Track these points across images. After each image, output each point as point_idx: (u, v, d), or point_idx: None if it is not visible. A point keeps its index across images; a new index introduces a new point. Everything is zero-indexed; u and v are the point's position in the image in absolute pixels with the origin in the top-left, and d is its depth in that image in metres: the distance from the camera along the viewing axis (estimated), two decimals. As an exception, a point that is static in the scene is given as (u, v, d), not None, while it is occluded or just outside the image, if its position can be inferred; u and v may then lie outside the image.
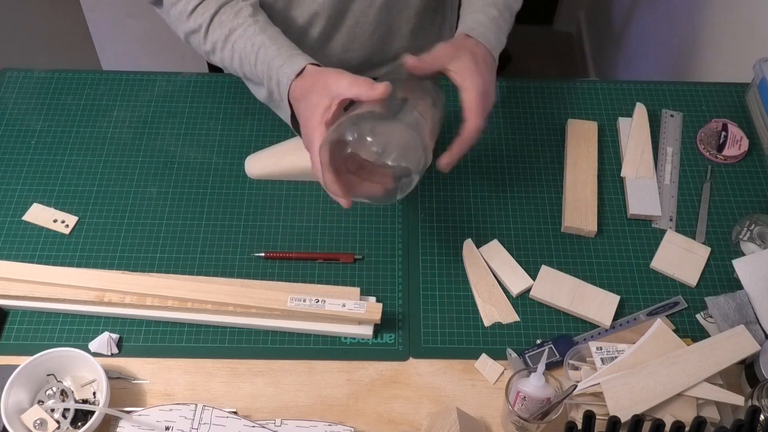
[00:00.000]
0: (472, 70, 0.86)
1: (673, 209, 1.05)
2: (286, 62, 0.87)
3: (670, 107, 1.16)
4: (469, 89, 0.85)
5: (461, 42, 0.91)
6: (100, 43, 1.94)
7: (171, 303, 0.92)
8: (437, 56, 0.88)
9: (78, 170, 1.07)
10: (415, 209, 1.04)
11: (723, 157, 1.10)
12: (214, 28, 0.94)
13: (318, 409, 0.88)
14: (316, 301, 0.92)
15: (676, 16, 1.72)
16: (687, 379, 0.84)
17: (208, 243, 1.00)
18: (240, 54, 0.92)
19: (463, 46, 0.90)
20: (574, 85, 1.19)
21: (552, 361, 0.90)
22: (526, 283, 0.97)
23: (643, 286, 0.98)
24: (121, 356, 0.91)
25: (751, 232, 1.01)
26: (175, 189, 1.06)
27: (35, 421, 0.82)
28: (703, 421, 0.77)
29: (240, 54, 0.92)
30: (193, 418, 0.84)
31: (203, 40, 0.95)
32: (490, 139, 1.12)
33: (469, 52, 0.88)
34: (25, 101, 1.14)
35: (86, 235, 1.01)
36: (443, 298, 0.97)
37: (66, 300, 0.93)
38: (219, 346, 0.92)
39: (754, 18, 1.34)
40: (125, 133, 1.11)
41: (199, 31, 0.95)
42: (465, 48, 0.89)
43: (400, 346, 0.93)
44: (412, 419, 0.87)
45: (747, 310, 0.94)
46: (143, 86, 1.16)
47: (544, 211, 1.05)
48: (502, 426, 0.87)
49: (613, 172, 1.09)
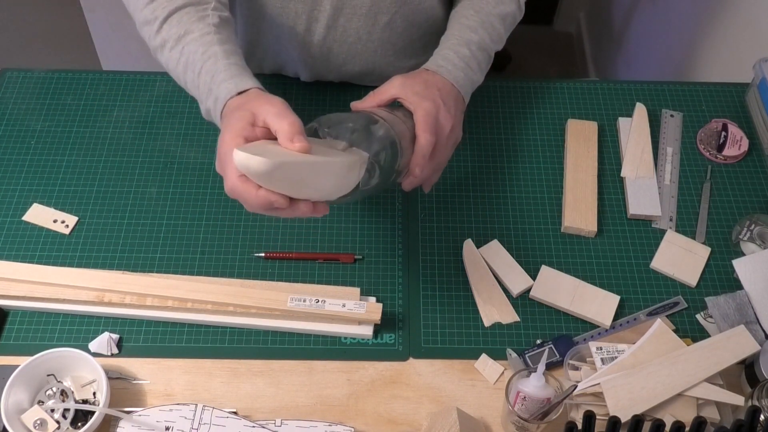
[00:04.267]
0: (421, 94, 0.85)
1: (673, 209, 1.05)
2: (232, 78, 0.80)
3: (670, 107, 1.16)
4: (417, 111, 0.84)
5: (416, 73, 0.91)
6: (100, 43, 1.94)
7: (171, 303, 0.92)
8: (384, 89, 0.88)
9: (78, 170, 1.07)
10: (415, 209, 1.04)
11: (723, 157, 1.10)
12: (170, 24, 0.86)
13: (318, 409, 0.88)
14: (316, 301, 0.92)
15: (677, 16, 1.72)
16: (687, 379, 0.84)
17: (208, 243, 1.00)
18: (187, 59, 0.84)
19: (416, 75, 0.90)
20: (574, 85, 1.19)
21: (552, 361, 0.90)
22: (526, 283, 0.97)
23: (643, 286, 0.98)
24: (121, 356, 0.91)
25: (751, 232, 1.01)
26: (175, 189, 1.06)
27: (35, 421, 0.82)
28: (703, 421, 0.77)
29: (187, 59, 0.84)
30: (193, 419, 0.84)
31: (154, 34, 0.87)
32: (490, 139, 1.12)
33: (421, 79, 0.88)
34: (25, 101, 1.14)
35: (86, 235, 1.01)
36: (443, 298, 0.97)
37: (66, 300, 0.93)
38: (219, 346, 0.92)
39: (754, 18, 1.34)
40: (125, 133, 1.11)
41: (153, 23, 0.86)
42: (418, 77, 0.89)
43: (400, 346, 0.93)
44: (412, 419, 0.87)
45: (747, 310, 0.94)
46: (143, 86, 1.16)
47: (544, 211, 1.05)
48: (502, 426, 0.87)
49: (613, 172, 1.09)
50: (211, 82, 0.81)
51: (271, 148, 0.70)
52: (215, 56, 0.82)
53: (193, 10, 0.86)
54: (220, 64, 0.81)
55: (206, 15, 0.86)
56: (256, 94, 0.78)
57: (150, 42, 0.89)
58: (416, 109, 0.85)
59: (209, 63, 0.82)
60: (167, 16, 0.86)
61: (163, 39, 0.86)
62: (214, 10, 0.87)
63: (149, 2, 0.87)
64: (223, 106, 0.79)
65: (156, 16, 0.86)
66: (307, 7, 1.01)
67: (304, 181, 0.69)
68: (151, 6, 0.87)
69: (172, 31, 0.85)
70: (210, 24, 0.85)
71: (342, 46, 1.06)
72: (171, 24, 0.85)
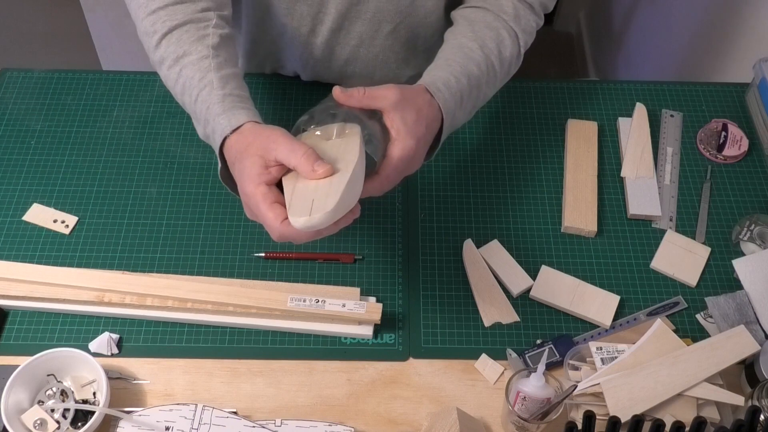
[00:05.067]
0: (409, 128, 0.77)
1: (673, 209, 1.05)
2: (225, 113, 0.78)
3: (670, 107, 1.16)
4: (396, 144, 0.77)
5: (414, 93, 0.81)
6: (100, 43, 1.94)
7: (171, 303, 0.92)
8: (376, 95, 0.78)
9: (78, 170, 1.07)
10: (415, 209, 1.04)
11: (723, 157, 1.10)
12: (169, 41, 0.83)
13: (318, 409, 0.88)
14: (316, 301, 0.92)
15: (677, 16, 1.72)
16: (687, 379, 0.84)
17: (208, 243, 1.00)
18: (184, 83, 0.82)
19: (413, 97, 0.80)
20: (574, 85, 1.19)
21: (552, 361, 0.89)
22: (526, 283, 0.97)
23: (643, 286, 0.98)
24: (121, 356, 0.91)
25: (751, 232, 1.01)
26: (175, 189, 1.05)
27: (35, 421, 0.82)
28: (703, 421, 0.77)
29: (184, 83, 0.82)
30: (193, 419, 0.84)
31: (153, 48, 0.85)
32: (490, 139, 1.12)
33: (416, 108, 0.79)
34: (25, 101, 1.14)
35: (86, 235, 1.01)
36: (443, 298, 0.97)
37: (66, 300, 0.93)
38: (219, 346, 0.92)
39: (754, 18, 1.34)
40: (125, 133, 1.11)
41: (153, 36, 0.84)
42: (414, 101, 0.80)
43: (400, 346, 0.93)
44: (412, 419, 0.87)
45: (747, 310, 0.94)
46: (143, 86, 1.16)
47: (544, 211, 1.05)
48: (502, 426, 0.87)
49: (613, 172, 1.09)
50: (207, 113, 0.80)
51: (302, 188, 0.72)
52: (211, 85, 0.80)
53: (193, 28, 0.83)
54: (214, 96, 0.79)
55: (206, 35, 0.83)
56: (252, 131, 0.76)
57: (149, 53, 0.87)
58: (397, 142, 0.77)
59: (205, 92, 0.80)
60: (167, 32, 0.84)
61: (161, 56, 0.84)
62: (215, 28, 0.84)
63: (150, 13, 0.85)
64: (221, 145, 0.78)
65: (155, 30, 0.84)
66: (313, 10, 1.01)
67: (350, 196, 0.72)
68: (152, 18, 0.84)
69: (170, 49, 0.83)
70: (208, 46, 0.82)
71: (344, 49, 1.06)
72: (170, 41, 0.83)
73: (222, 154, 0.79)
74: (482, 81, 0.89)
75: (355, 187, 0.73)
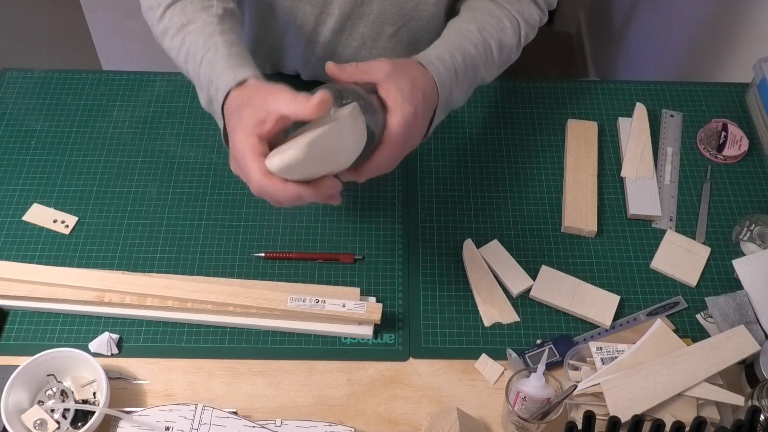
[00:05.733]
0: (405, 95, 0.76)
1: (673, 209, 1.05)
2: (230, 69, 0.79)
3: (670, 107, 1.16)
4: (395, 113, 0.75)
5: (406, 64, 0.81)
6: (100, 43, 1.94)
7: (171, 303, 0.92)
8: (368, 69, 0.78)
9: (78, 170, 1.07)
10: (415, 209, 1.04)
11: (723, 157, 1.10)
12: (173, 11, 0.85)
13: (318, 409, 0.88)
14: (316, 302, 0.92)
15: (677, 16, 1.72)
16: (687, 379, 0.84)
17: (208, 243, 1.00)
18: (189, 48, 0.83)
19: (405, 68, 0.80)
20: (574, 85, 1.19)
21: (552, 361, 0.89)
22: (526, 283, 0.97)
23: (643, 286, 0.98)
24: (121, 356, 0.91)
25: (751, 232, 1.01)
26: (175, 189, 1.06)
27: (35, 421, 0.82)
28: (703, 421, 0.77)
29: (189, 48, 0.83)
30: (193, 419, 0.84)
31: (157, 20, 0.87)
32: (490, 139, 1.12)
33: (409, 77, 0.78)
34: (25, 101, 1.14)
35: (86, 235, 1.01)
36: (443, 298, 0.97)
37: (66, 300, 0.93)
38: (219, 346, 0.92)
39: (754, 18, 1.34)
40: (125, 133, 1.11)
41: (157, 9, 0.86)
42: (406, 71, 0.79)
43: (400, 347, 0.93)
44: (412, 419, 0.87)
45: (747, 310, 0.94)
46: (143, 86, 1.16)
47: (544, 211, 1.05)
48: (502, 426, 0.87)
49: (613, 172, 1.09)
50: (211, 72, 0.80)
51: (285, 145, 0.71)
52: (216, 46, 0.81)
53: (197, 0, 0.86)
54: (220, 54, 0.80)
55: (210, 5, 0.85)
56: (255, 85, 0.77)
57: (153, 28, 0.89)
58: (395, 110, 0.76)
59: (210, 53, 0.81)
60: (170, 3, 0.86)
61: (165, 27, 0.86)
62: (219, 1, 0.86)
63: None
64: (224, 99, 0.78)
65: (159, 2, 0.86)
66: (317, 10, 1.01)
67: (333, 150, 0.69)
68: None
69: (175, 19, 0.85)
70: (214, 14, 0.84)
71: (346, 49, 1.06)
72: (174, 11, 0.85)
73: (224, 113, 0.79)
74: (479, 62, 0.89)
75: (341, 142, 0.70)
